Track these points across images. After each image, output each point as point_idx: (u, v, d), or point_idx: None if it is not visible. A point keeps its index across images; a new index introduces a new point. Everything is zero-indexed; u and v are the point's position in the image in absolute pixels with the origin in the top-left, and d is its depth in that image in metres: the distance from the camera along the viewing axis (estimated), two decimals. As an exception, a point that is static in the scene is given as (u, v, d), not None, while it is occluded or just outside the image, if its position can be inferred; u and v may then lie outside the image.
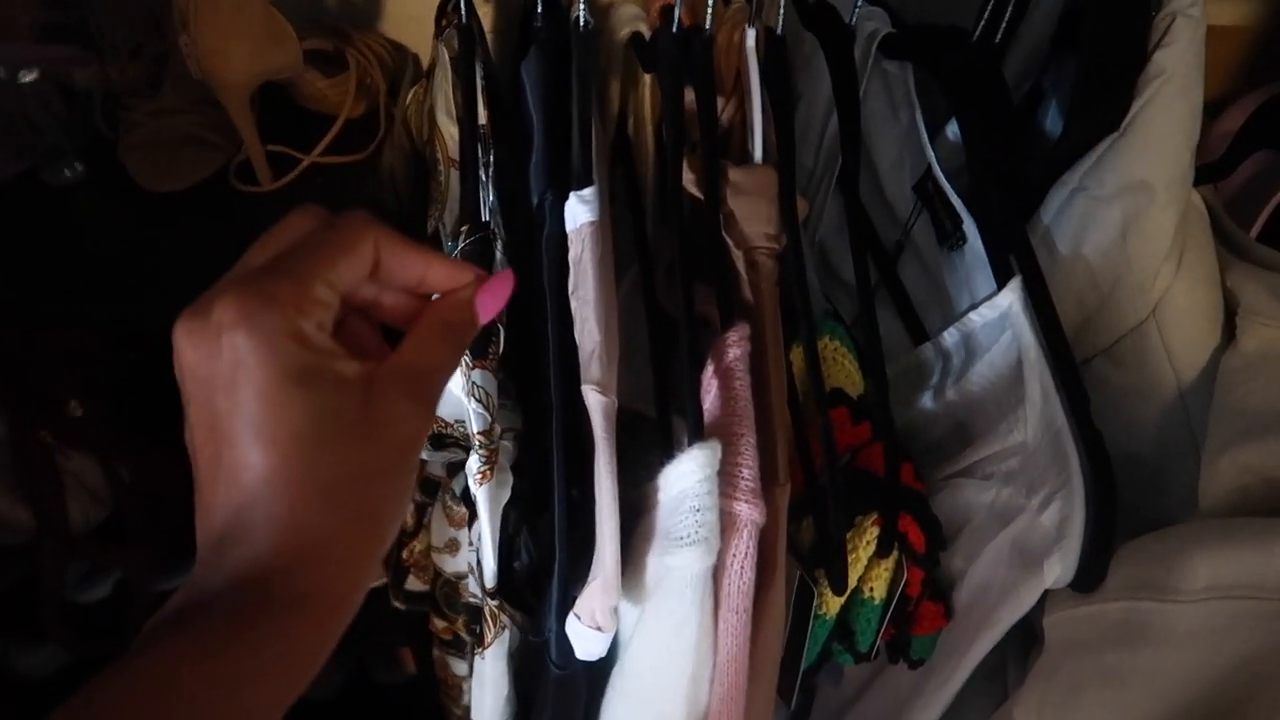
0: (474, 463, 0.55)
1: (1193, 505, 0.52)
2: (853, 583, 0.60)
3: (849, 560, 0.58)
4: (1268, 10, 0.89)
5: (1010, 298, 0.56)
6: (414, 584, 0.77)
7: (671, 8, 0.61)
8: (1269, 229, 0.65)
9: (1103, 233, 0.57)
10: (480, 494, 0.55)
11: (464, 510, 0.68)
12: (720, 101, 0.62)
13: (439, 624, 0.76)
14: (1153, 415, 0.56)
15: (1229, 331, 0.55)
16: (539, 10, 0.62)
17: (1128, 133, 0.55)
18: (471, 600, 0.71)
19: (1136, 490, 0.57)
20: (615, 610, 0.52)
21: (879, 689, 0.76)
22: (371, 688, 1.29)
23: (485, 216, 0.59)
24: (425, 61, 0.96)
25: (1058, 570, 0.54)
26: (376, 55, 0.86)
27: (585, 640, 0.54)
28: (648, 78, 0.63)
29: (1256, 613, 0.43)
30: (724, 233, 0.59)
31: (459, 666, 0.80)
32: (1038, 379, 0.55)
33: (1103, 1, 0.53)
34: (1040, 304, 0.56)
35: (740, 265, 0.59)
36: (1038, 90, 0.66)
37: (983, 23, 0.60)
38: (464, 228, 0.58)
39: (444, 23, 0.68)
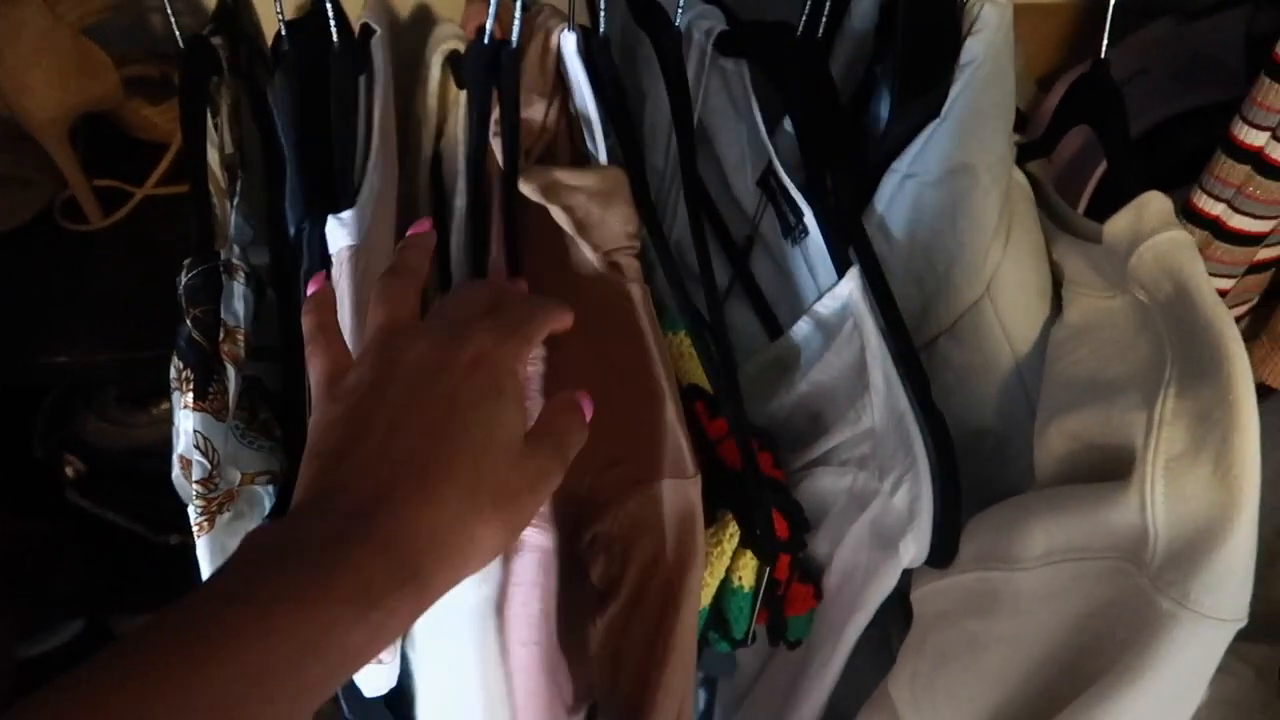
0: (192, 514, 0.51)
1: (1032, 474, 0.55)
2: (720, 574, 0.60)
3: (714, 553, 0.59)
4: (1089, -14, 0.93)
5: (849, 286, 0.58)
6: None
7: (482, 26, 0.61)
8: (1093, 202, 0.69)
9: (933, 216, 0.59)
10: (200, 546, 0.51)
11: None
12: (541, 107, 0.62)
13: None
14: (993, 389, 0.59)
15: (1057, 303, 0.58)
16: (282, 34, 0.60)
17: (948, 118, 0.57)
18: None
19: (984, 463, 0.59)
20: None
21: (769, 675, 0.78)
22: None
23: (228, 247, 0.57)
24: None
25: (913, 550, 0.55)
26: (210, 77, 0.82)
27: (368, 677, 0.52)
28: (462, 95, 0.62)
29: (1087, 572, 0.45)
30: (580, 238, 0.59)
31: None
32: (880, 365, 0.56)
33: (911, -5, 0.55)
34: (878, 290, 0.57)
35: (602, 267, 0.59)
36: (869, 80, 0.68)
37: (805, 18, 0.61)
38: (186, 260, 0.54)
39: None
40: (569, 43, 0.58)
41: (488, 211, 0.59)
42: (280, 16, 0.57)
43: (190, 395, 0.50)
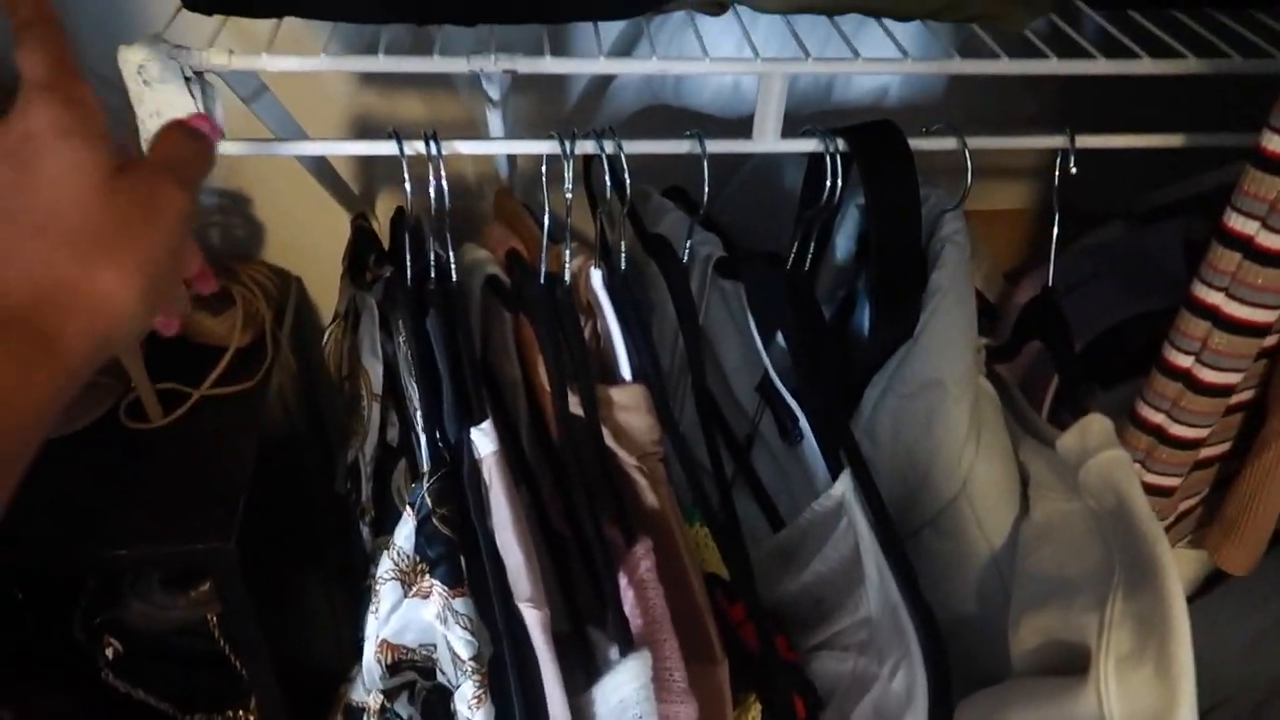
0: (468, 689, 0.58)
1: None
2: None
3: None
4: (1036, 195, 1.06)
5: (842, 488, 0.65)
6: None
7: (517, 251, 0.70)
8: (1054, 404, 0.77)
9: (912, 424, 0.67)
10: (480, 717, 0.58)
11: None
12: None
13: None
14: (973, 579, 0.65)
15: (1025, 501, 0.65)
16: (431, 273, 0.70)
17: (919, 340, 0.66)
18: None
19: (969, 647, 0.64)
20: None
21: None
22: None
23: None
24: (312, 289, 1.03)
25: None
26: (261, 286, 0.92)
27: None
28: (507, 315, 0.71)
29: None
30: (616, 445, 0.66)
31: None
32: (873, 559, 0.62)
33: (883, 240, 0.65)
34: (867, 490, 0.64)
35: (634, 472, 0.66)
36: (852, 297, 0.78)
37: (794, 252, 0.71)
38: (428, 469, 0.64)
39: (368, 276, 0.77)
40: (596, 277, 0.68)
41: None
42: (443, 256, 0.68)
43: (436, 583, 0.60)
